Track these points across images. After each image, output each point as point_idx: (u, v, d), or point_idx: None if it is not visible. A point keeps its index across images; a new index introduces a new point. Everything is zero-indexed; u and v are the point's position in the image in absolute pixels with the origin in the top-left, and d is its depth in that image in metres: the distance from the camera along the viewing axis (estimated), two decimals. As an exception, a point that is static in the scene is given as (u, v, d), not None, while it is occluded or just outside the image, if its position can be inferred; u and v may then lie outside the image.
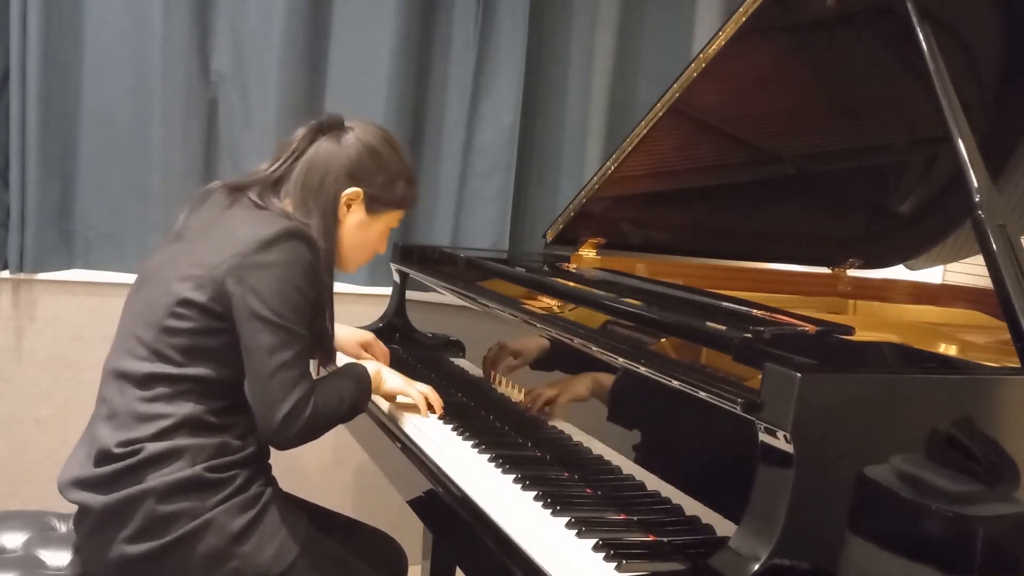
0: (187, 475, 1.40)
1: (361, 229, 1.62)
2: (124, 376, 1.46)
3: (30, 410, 2.42)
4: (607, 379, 1.46)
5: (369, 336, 1.96)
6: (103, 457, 1.42)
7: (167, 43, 2.39)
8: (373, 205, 1.61)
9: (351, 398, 1.55)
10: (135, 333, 1.47)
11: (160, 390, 1.43)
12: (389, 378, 1.70)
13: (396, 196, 1.63)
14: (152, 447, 1.41)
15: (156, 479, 1.39)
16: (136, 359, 1.45)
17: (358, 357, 1.90)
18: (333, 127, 1.59)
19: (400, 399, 1.74)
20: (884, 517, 1.11)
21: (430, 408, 1.71)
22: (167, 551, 1.39)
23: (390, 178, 1.61)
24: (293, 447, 1.47)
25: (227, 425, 1.46)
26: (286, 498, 1.57)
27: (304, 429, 1.43)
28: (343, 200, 1.57)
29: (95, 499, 1.41)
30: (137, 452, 1.40)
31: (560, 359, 1.61)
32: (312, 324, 1.50)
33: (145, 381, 1.44)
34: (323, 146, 1.57)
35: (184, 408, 1.43)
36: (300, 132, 1.60)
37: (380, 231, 1.66)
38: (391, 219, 1.67)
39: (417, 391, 1.71)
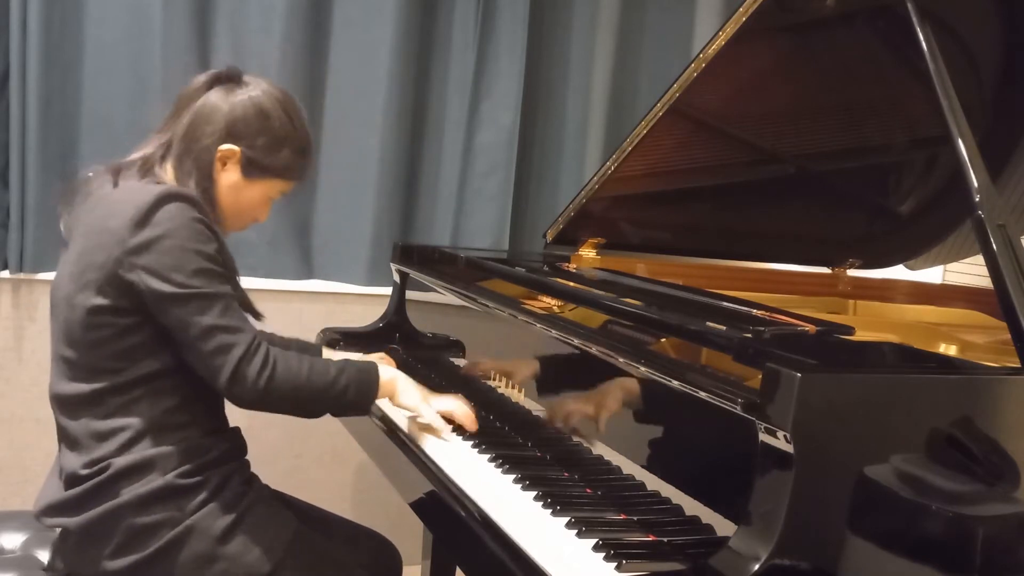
0: (160, 485, 1.37)
1: (234, 191, 1.50)
2: (70, 401, 1.41)
3: (30, 410, 2.42)
4: (606, 379, 1.46)
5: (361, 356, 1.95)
6: (72, 480, 1.40)
7: (167, 43, 2.39)
8: (250, 168, 1.49)
9: (337, 379, 1.45)
10: (63, 356, 1.42)
11: (111, 404, 1.39)
12: (406, 390, 1.57)
13: (277, 163, 1.51)
14: (119, 461, 1.37)
15: (129, 493, 1.36)
16: (76, 382, 1.40)
17: None
18: (230, 79, 1.50)
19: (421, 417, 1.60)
20: (884, 517, 1.11)
21: (458, 428, 1.58)
22: (152, 562, 1.37)
23: (274, 142, 1.49)
24: (256, 407, 1.41)
25: (187, 422, 1.42)
26: (271, 495, 1.55)
27: (259, 384, 1.36)
28: (217, 155, 1.47)
29: (72, 521, 1.39)
30: (105, 469, 1.37)
31: (562, 361, 1.61)
32: (225, 270, 1.41)
33: (93, 400, 1.39)
34: (211, 98, 1.48)
35: (140, 415, 1.39)
36: (196, 81, 1.51)
37: (256, 198, 1.54)
38: (270, 188, 1.54)
39: (434, 411, 1.58)
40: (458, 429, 1.62)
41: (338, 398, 1.47)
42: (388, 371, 1.56)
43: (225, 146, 1.47)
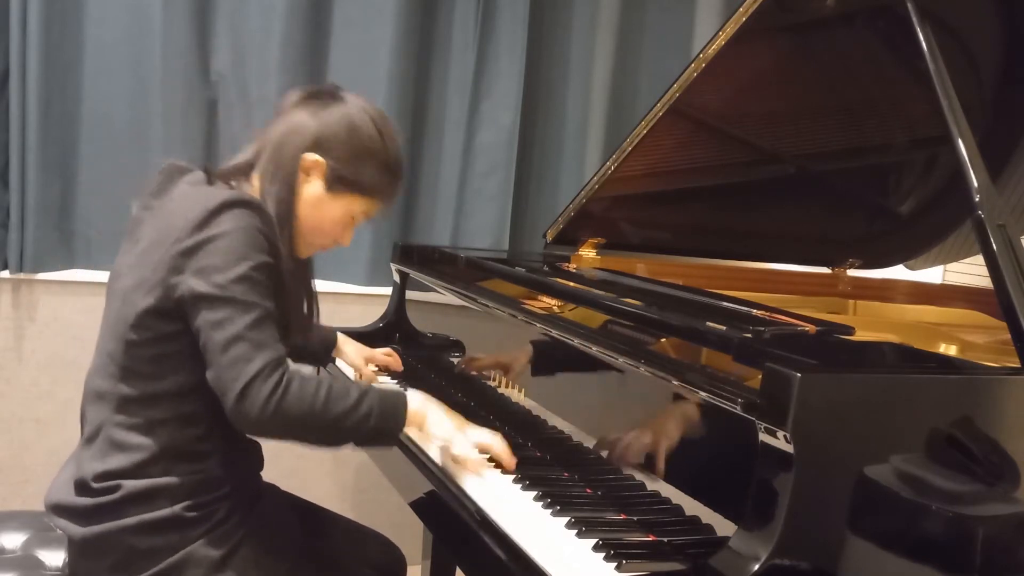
0: (166, 515, 1.34)
1: (316, 206, 1.45)
2: (101, 396, 1.39)
3: (30, 410, 2.42)
4: (606, 379, 1.46)
5: (368, 351, 1.95)
6: (82, 487, 1.38)
7: (167, 43, 2.39)
8: (334, 182, 1.44)
9: (357, 407, 1.32)
10: (106, 349, 1.40)
11: (137, 415, 1.36)
12: (438, 420, 1.43)
13: (363, 180, 1.45)
14: (130, 485, 1.34)
15: (135, 517, 1.34)
16: (110, 378, 1.38)
17: (361, 373, 1.88)
18: (325, 95, 1.46)
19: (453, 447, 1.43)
20: (884, 517, 1.11)
21: (496, 465, 1.43)
22: None
23: (360, 157, 1.44)
24: (261, 434, 1.34)
25: (208, 452, 1.38)
26: (278, 507, 1.53)
27: (267, 408, 1.25)
28: (301, 165, 1.42)
29: (74, 529, 1.38)
30: (115, 489, 1.35)
31: (562, 361, 1.61)
32: (276, 298, 1.34)
33: (122, 405, 1.36)
34: (305, 110, 1.44)
35: (162, 438, 1.35)
36: (292, 94, 1.48)
37: (338, 215, 1.48)
38: (354, 205, 1.48)
39: (470, 444, 1.42)
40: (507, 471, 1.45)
41: (358, 426, 1.33)
42: (417, 398, 1.43)
43: (311, 156, 1.42)
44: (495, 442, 1.43)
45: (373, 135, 1.45)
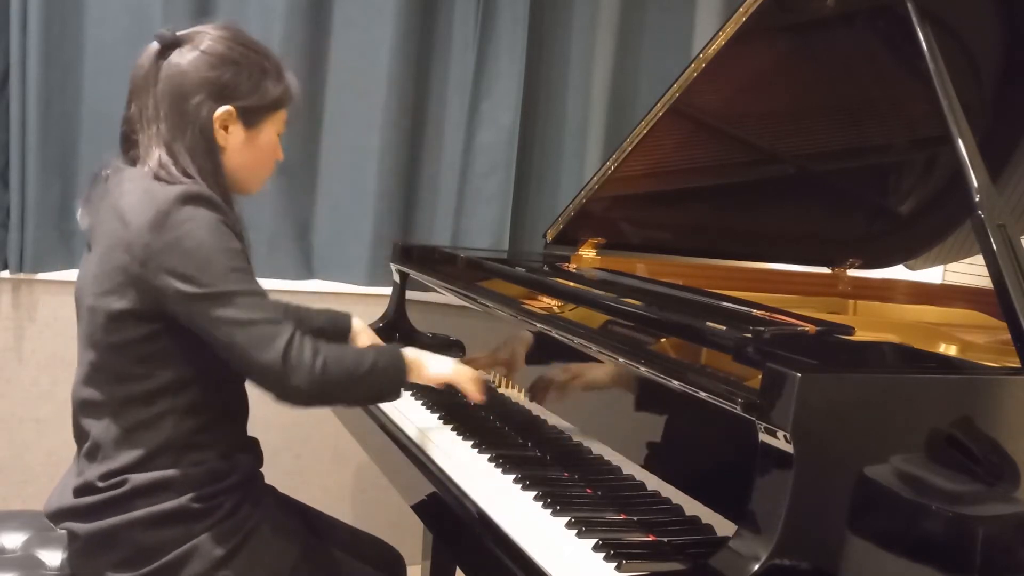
0: (173, 506, 1.35)
1: (248, 148, 1.45)
2: (94, 406, 1.39)
3: (30, 410, 2.42)
4: (606, 379, 1.46)
5: (380, 342, 1.92)
6: (86, 489, 1.38)
7: (167, 43, 2.39)
8: (249, 117, 1.43)
9: (375, 365, 1.41)
10: (87, 360, 1.40)
11: (135, 415, 1.36)
12: (432, 363, 1.55)
13: (269, 97, 1.45)
14: (137, 478, 1.35)
15: (142, 510, 1.35)
16: (100, 385, 1.38)
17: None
18: (172, 44, 1.42)
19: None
20: (884, 517, 1.11)
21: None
22: None
23: (255, 81, 1.43)
24: (312, 399, 1.37)
25: (210, 443, 1.40)
26: (280, 507, 1.54)
27: (314, 372, 1.32)
28: (217, 124, 1.40)
29: (80, 527, 1.38)
30: (121, 484, 1.35)
31: (562, 361, 1.61)
32: (246, 264, 1.37)
33: (118, 409, 1.37)
34: (172, 68, 1.40)
35: (164, 432, 1.36)
36: (140, 62, 1.43)
37: (269, 140, 1.48)
38: (275, 123, 1.49)
39: (469, 377, 1.58)
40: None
41: (378, 382, 1.44)
42: (411, 350, 1.54)
43: (220, 110, 1.40)
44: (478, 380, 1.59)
45: (246, 53, 1.43)
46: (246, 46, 1.44)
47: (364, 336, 1.88)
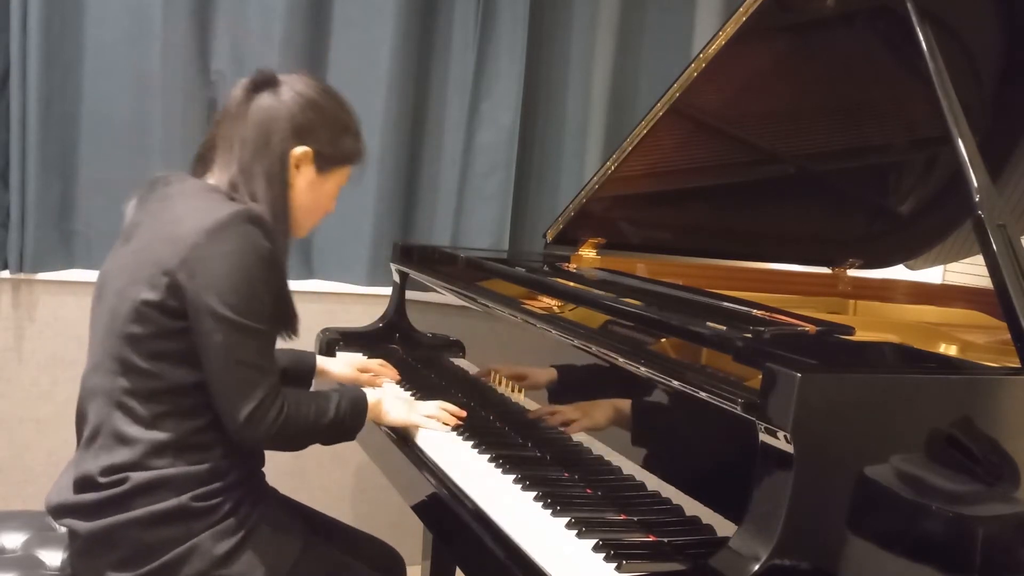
0: (173, 505, 1.36)
1: (312, 190, 1.52)
2: (101, 393, 1.40)
3: (30, 410, 2.42)
4: (606, 379, 1.46)
5: (361, 359, 1.95)
6: (86, 483, 1.39)
7: (167, 43, 2.39)
8: (323, 164, 1.51)
9: (335, 416, 1.49)
10: (103, 347, 1.41)
11: (139, 410, 1.37)
12: (392, 409, 1.65)
13: (345, 151, 1.54)
14: (137, 477, 1.36)
15: (142, 509, 1.36)
16: (110, 374, 1.39)
17: (358, 382, 1.86)
18: (267, 83, 1.49)
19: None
20: (884, 517, 1.11)
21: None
22: None
23: (336, 132, 1.52)
24: (262, 448, 1.47)
25: (212, 443, 1.40)
26: (280, 507, 1.55)
27: (271, 430, 1.38)
28: (292, 161, 1.47)
29: (81, 525, 1.39)
30: (122, 482, 1.36)
31: (562, 361, 1.61)
32: (275, 307, 1.41)
33: (123, 399, 1.38)
34: (262, 104, 1.46)
35: (166, 430, 1.37)
36: (235, 93, 1.50)
37: (331, 190, 1.56)
38: (341, 176, 1.57)
39: (423, 417, 1.66)
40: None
41: (336, 427, 1.51)
42: (373, 394, 1.61)
43: (298, 149, 1.47)
44: (437, 411, 1.68)
45: (335, 107, 1.53)
46: (335, 99, 1.54)
47: (334, 366, 1.89)
